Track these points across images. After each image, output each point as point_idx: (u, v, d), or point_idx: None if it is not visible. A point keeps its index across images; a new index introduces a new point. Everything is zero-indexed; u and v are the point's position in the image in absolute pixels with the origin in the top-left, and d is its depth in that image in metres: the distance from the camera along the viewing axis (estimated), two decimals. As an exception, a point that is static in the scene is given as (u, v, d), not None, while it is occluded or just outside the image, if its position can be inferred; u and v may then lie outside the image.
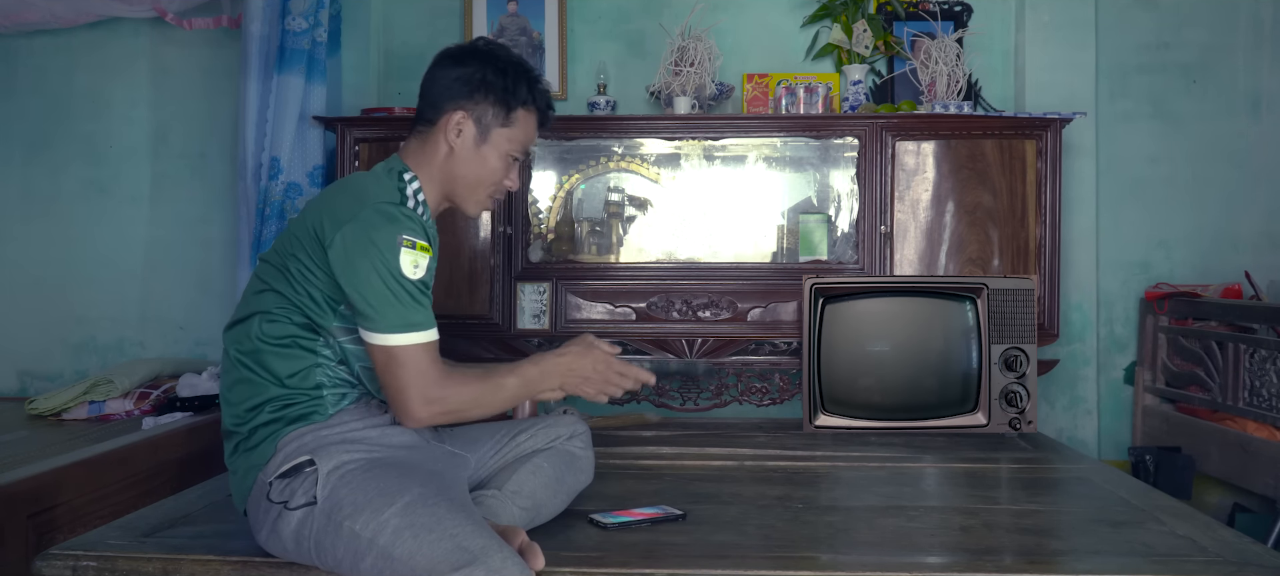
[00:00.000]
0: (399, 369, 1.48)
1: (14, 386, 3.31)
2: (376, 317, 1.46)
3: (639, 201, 2.98)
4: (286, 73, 2.78)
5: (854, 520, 1.81)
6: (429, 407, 1.49)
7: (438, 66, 1.66)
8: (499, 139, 1.66)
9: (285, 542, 1.47)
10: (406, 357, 1.47)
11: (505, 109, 1.65)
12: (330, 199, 1.56)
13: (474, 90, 1.63)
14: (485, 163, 1.66)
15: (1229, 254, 3.14)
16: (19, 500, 1.96)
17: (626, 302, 2.82)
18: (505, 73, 1.65)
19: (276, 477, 1.48)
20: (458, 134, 1.63)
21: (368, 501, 1.41)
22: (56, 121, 3.30)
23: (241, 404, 1.53)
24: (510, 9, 3.15)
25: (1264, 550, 1.60)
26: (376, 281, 1.46)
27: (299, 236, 1.54)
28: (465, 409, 1.54)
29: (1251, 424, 2.59)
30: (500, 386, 1.58)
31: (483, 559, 1.34)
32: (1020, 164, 2.76)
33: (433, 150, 1.64)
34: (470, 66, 1.64)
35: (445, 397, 1.51)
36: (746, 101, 3.05)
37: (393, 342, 1.47)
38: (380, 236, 1.47)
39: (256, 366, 1.52)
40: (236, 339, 1.56)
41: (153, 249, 3.28)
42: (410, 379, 1.48)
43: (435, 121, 1.64)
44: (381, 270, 1.46)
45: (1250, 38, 3.16)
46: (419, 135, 1.66)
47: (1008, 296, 2.59)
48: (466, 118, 1.63)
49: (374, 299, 1.46)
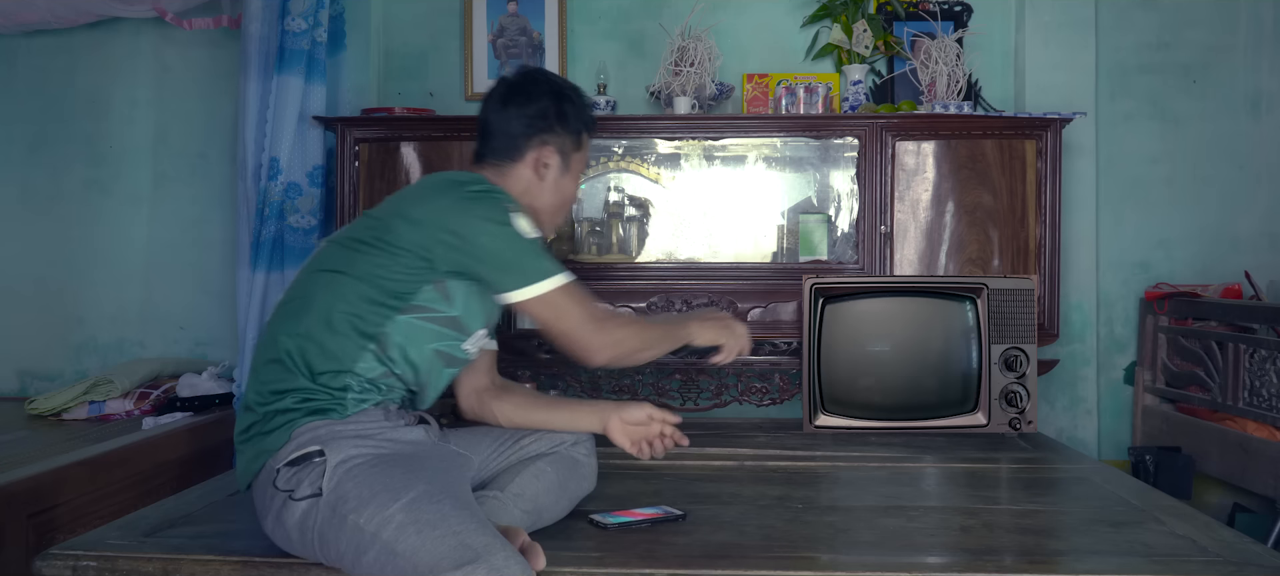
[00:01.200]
0: (560, 314, 1.59)
1: (14, 386, 3.31)
2: (515, 276, 1.56)
3: (639, 202, 2.98)
4: (286, 73, 2.78)
5: (854, 520, 1.81)
6: (606, 339, 1.62)
7: (509, 104, 1.73)
8: (576, 164, 1.80)
9: (289, 532, 1.48)
10: (561, 300, 1.59)
11: (577, 136, 1.78)
12: (421, 189, 1.65)
13: (553, 124, 1.74)
14: (567, 189, 1.80)
15: (1229, 254, 3.14)
16: (19, 500, 1.96)
17: (626, 303, 2.82)
18: (572, 101, 1.77)
19: (284, 465, 1.49)
20: (545, 167, 1.74)
21: (373, 496, 1.42)
22: (56, 121, 3.30)
23: (268, 385, 1.55)
24: (510, 9, 3.15)
25: (1264, 550, 1.60)
26: (501, 245, 1.55)
27: (389, 222, 1.59)
28: (636, 343, 1.69)
29: (1251, 424, 2.59)
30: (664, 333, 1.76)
31: (486, 557, 1.34)
32: (1020, 164, 2.76)
33: (515, 182, 1.73)
34: (543, 101, 1.74)
35: (616, 329, 1.65)
36: (746, 101, 3.05)
37: (541, 290, 1.57)
38: (487, 206, 1.57)
39: (295, 354, 1.53)
40: (286, 319, 1.58)
41: (153, 249, 3.28)
42: (576, 318, 1.60)
43: (518, 157, 1.74)
44: (501, 232, 1.56)
45: (1250, 38, 3.16)
46: (497, 169, 1.74)
47: (1008, 296, 2.59)
48: (553, 152, 1.74)
49: (506, 258, 1.56)
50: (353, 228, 1.65)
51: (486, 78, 3.17)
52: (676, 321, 1.80)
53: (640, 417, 1.76)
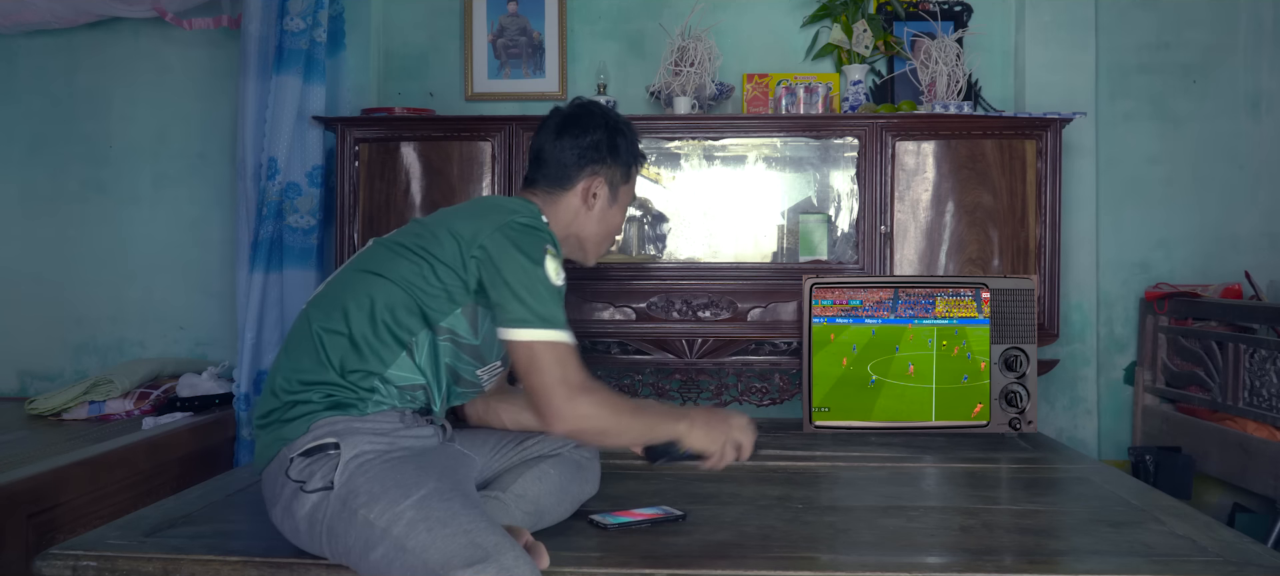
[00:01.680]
0: (545, 368, 1.51)
1: (14, 386, 3.31)
2: (519, 311, 1.52)
3: (639, 202, 2.98)
4: (284, 73, 2.78)
5: (854, 520, 1.81)
6: (575, 410, 1.51)
7: (564, 134, 1.76)
8: (623, 196, 1.83)
9: (298, 524, 1.48)
10: (552, 356, 1.51)
11: (627, 169, 1.82)
12: (473, 207, 1.67)
13: (605, 156, 1.77)
14: (614, 220, 1.83)
15: (1229, 254, 3.14)
16: (19, 500, 1.96)
17: (627, 302, 2.82)
18: (624, 135, 1.80)
19: (299, 455, 1.49)
20: (594, 198, 1.77)
21: (384, 491, 1.42)
22: (56, 121, 3.30)
23: (298, 374, 1.55)
24: (510, 9, 3.15)
25: (1264, 550, 1.60)
26: (522, 278, 1.53)
27: (436, 232, 1.60)
28: (609, 423, 1.55)
29: (1251, 424, 2.59)
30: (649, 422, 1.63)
31: (496, 556, 1.34)
32: (1020, 164, 2.76)
33: (564, 210, 1.77)
34: (597, 133, 1.77)
35: (592, 405, 1.53)
36: (746, 101, 3.05)
37: (537, 337, 1.51)
38: (527, 241, 1.56)
39: (330, 349, 1.54)
40: (324, 313, 1.58)
41: (153, 249, 3.28)
42: (558, 378, 1.51)
43: (569, 186, 1.76)
44: (528, 268, 1.54)
45: (1250, 38, 3.16)
46: (548, 195, 1.76)
47: (1008, 296, 2.59)
48: (603, 183, 1.78)
49: (520, 292, 1.52)
50: (401, 232, 1.67)
51: (486, 78, 3.18)
52: (669, 415, 1.66)
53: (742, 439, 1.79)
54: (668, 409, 1.69)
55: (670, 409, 1.69)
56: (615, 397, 1.56)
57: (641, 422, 1.61)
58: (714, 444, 1.67)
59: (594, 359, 2.86)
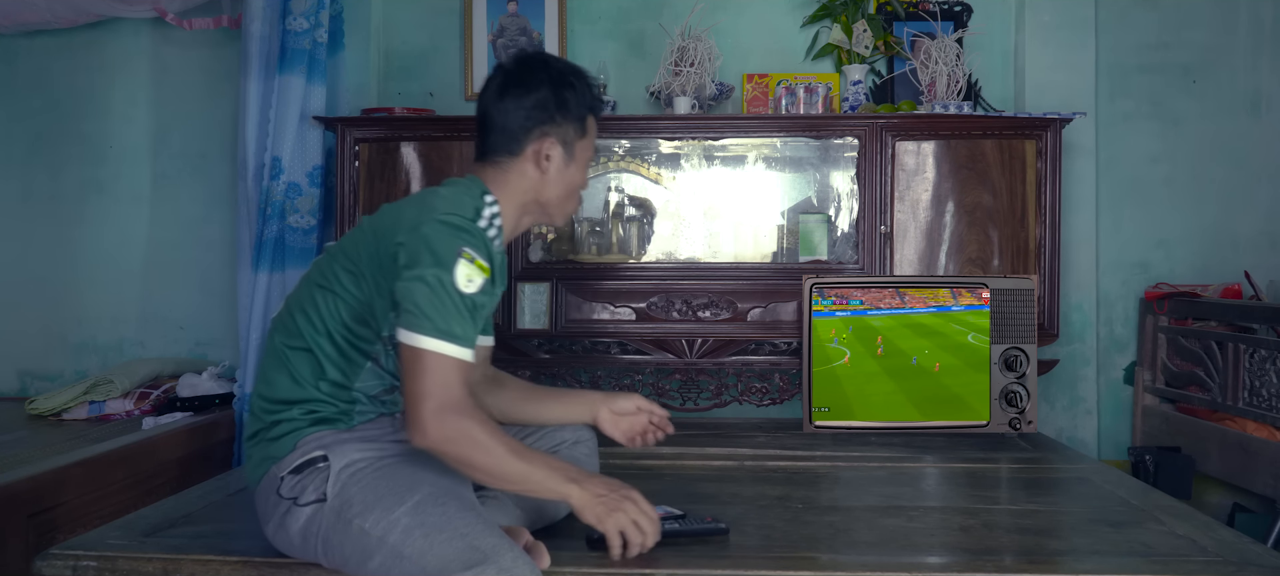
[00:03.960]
0: (423, 375, 1.40)
1: (14, 386, 3.31)
2: (414, 315, 1.41)
3: (639, 201, 2.98)
4: (287, 73, 2.78)
5: (854, 520, 1.81)
6: (442, 427, 1.39)
7: (506, 96, 1.63)
8: (581, 151, 1.69)
9: (292, 538, 1.47)
10: (433, 365, 1.40)
11: (581, 122, 1.67)
12: (404, 205, 1.56)
13: (554, 113, 1.63)
14: (574, 178, 1.69)
15: (1229, 254, 3.14)
16: (19, 500, 1.96)
17: (626, 302, 2.82)
18: (573, 87, 1.65)
19: (289, 473, 1.48)
20: (547, 160, 1.64)
21: (378, 499, 1.41)
22: (56, 121, 3.30)
23: (275, 393, 1.54)
24: (510, 9, 3.15)
25: (1264, 550, 1.60)
26: (425, 282, 1.42)
27: (369, 235, 1.54)
28: (478, 449, 1.41)
29: (1251, 424, 2.59)
30: (529, 468, 1.45)
31: (494, 558, 1.34)
32: (1020, 164, 2.76)
33: (517, 177, 1.64)
34: (542, 90, 1.63)
35: (461, 424, 1.40)
36: (746, 101, 3.05)
37: (423, 344, 1.40)
38: (442, 242, 1.44)
39: (301, 366, 1.52)
40: (289, 332, 1.55)
41: (153, 249, 3.28)
42: (431, 389, 1.40)
43: (519, 152, 1.63)
44: (434, 271, 1.42)
45: (1250, 38, 3.16)
46: (498, 166, 1.64)
47: (1008, 296, 2.59)
48: (554, 143, 1.64)
49: (418, 297, 1.42)
50: (347, 237, 1.61)
51: (486, 78, 3.18)
52: (560, 472, 1.48)
53: (629, 408, 1.78)
54: (561, 467, 1.49)
55: (559, 469, 1.48)
56: (493, 431, 1.42)
57: (517, 467, 1.43)
58: (606, 519, 1.47)
59: (594, 359, 2.86)
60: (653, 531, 1.49)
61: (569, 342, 2.84)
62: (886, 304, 2.63)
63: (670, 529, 1.63)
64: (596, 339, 2.82)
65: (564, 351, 2.86)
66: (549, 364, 2.84)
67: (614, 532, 1.47)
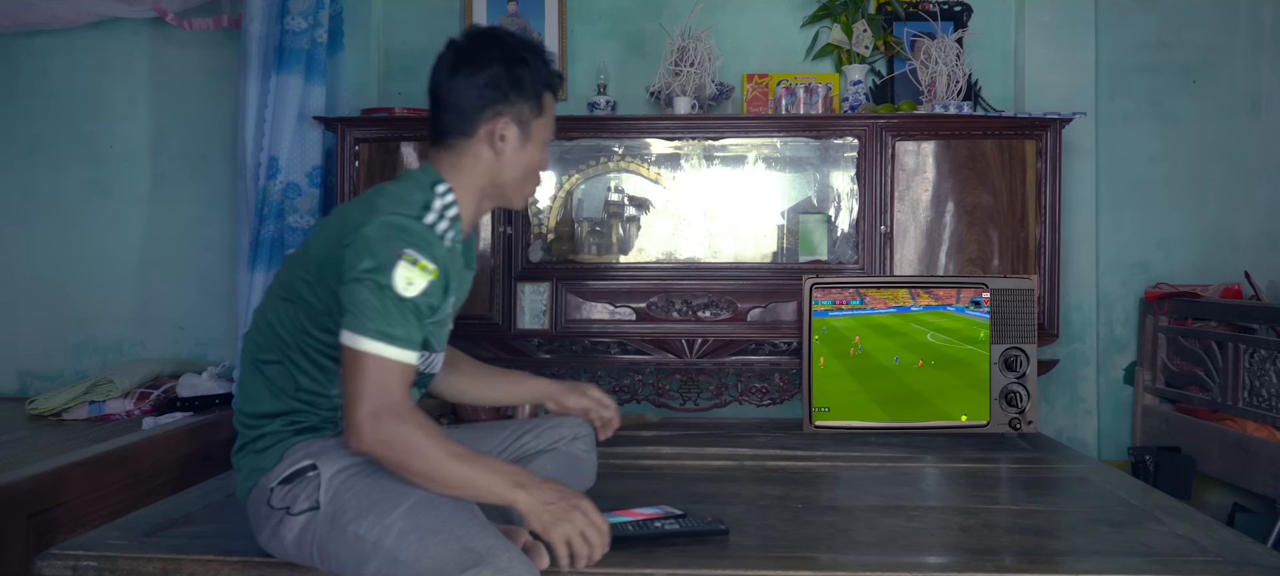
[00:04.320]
0: (360, 376, 1.36)
1: (14, 386, 3.31)
2: (354, 316, 1.38)
3: (639, 201, 2.98)
4: (286, 73, 2.78)
5: (854, 520, 1.81)
6: (376, 431, 1.36)
7: (458, 75, 1.56)
8: (537, 130, 1.62)
9: (287, 547, 1.47)
10: (371, 367, 1.37)
11: (537, 100, 1.60)
12: (351, 207, 1.52)
13: (507, 92, 1.56)
14: (531, 158, 1.62)
15: (1229, 254, 3.14)
16: (19, 500, 1.95)
17: (626, 303, 2.82)
18: (528, 63, 1.58)
19: (278, 484, 1.47)
20: (501, 141, 1.57)
21: (371, 504, 1.41)
22: (56, 121, 3.30)
23: (256, 405, 1.53)
24: (510, 9, 3.15)
25: (1264, 550, 1.60)
26: (364, 284, 1.39)
27: (320, 242, 1.52)
28: (413, 454, 1.37)
29: (1251, 424, 2.59)
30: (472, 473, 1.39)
31: (490, 559, 1.33)
32: (1020, 164, 2.76)
33: (472, 161, 1.58)
34: (494, 67, 1.56)
35: (398, 427, 1.37)
36: (746, 101, 3.05)
37: (361, 346, 1.37)
38: (383, 244, 1.41)
39: (278, 378, 1.52)
40: (257, 344, 1.55)
41: (153, 249, 3.28)
42: (367, 391, 1.36)
43: (472, 133, 1.57)
44: (373, 275, 1.39)
45: (1250, 38, 3.16)
46: (452, 149, 1.58)
47: (1008, 296, 2.59)
48: (508, 123, 1.57)
49: (359, 298, 1.38)
50: (301, 245, 1.57)
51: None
52: (506, 477, 1.42)
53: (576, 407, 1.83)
54: (509, 472, 1.43)
55: (513, 473, 1.43)
56: (432, 436, 1.38)
57: (459, 472, 1.38)
58: (553, 528, 1.41)
59: (594, 359, 2.86)
60: (601, 543, 1.44)
61: (569, 342, 2.84)
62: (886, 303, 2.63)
63: (670, 529, 1.63)
64: (596, 339, 2.82)
65: (564, 351, 2.86)
66: (549, 364, 2.84)
67: (561, 542, 1.41)
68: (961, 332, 2.60)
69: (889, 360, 2.61)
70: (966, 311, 2.60)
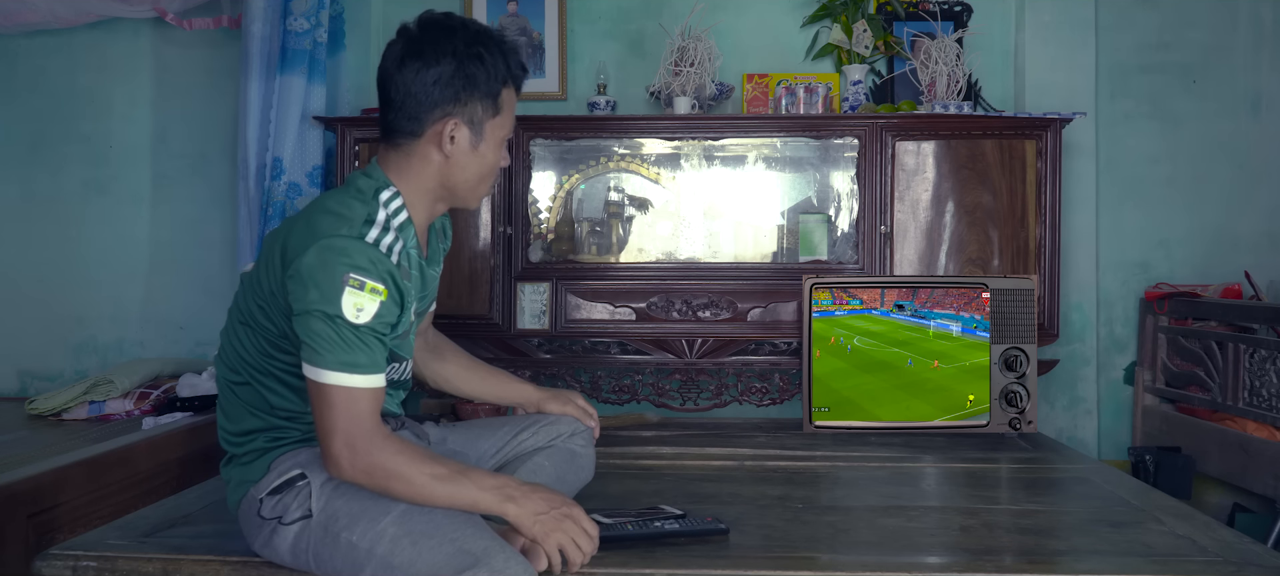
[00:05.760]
0: (329, 410, 1.35)
1: (14, 386, 3.31)
2: (312, 349, 1.35)
3: (639, 201, 2.98)
4: (288, 73, 2.79)
5: (854, 520, 1.81)
6: (354, 461, 1.35)
7: (406, 70, 1.48)
8: (492, 131, 1.53)
9: (282, 555, 1.47)
10: (338, 399, 1.35)
11: (493, 99, 1.51)
12: (293, 226, 1.45)
13: (458, 92, 1.48)
14: (484, 160, 1.54)
15: (1229, 254, 3.14)
16: (19, 500, 1.95)
17: (626, 303, 2.82)
18: (483, 60, 1.49)
19: (268, 494, 1.47)
20: (451, 142, 1.50)
21: (363, 510, 1.40)
22: (56, 121, 3.30)
23: (237, 423, 1.53)
24: (510, 9, 3.15)
25: (1264, 550, 1.60)
26: (316, 316, 1.35)
27: (265, 266, 1.48)
28: (394, 480, 1.36)
29: (1251, 424, 2.59)
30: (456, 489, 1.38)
31: (485, 560, 1.33)
32: (1020, 164, 2.76)
33: (421, 162, 1.51)
34: (444, 64, 1.47)
35: (373, 455, 1.35)
36: (746, 101, 3.05)
37: (325, 379, 1.35)
38: (325, 274, 1.35)
39: (252, 398, 1.51)
40: (227, 366, 1.54)
41: (153, 249, 3.28)
42: (339, 423, 1.34)
43: (420, 133, 1.49)
44: (320, 307, 1.35)
45: (1250, 38, 3.16)
46: (400, 149, 1.51)
47: (1008, 296, 2.59)
48: (459, 124, 1.49)
49: (313, 332, 1.35)
50: (254, 267, 1.52)
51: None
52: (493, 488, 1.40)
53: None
54: (496, 484, 1.41)
55: (501, 485, 1.42)
56: (412, 457, 1.36)
57: (442, 490, 1.37)
58: (545, 538, 1.41)
59: (594, 359, 2.86)
60: (591, 549, 1.44)
61: (569, 342, 2.84)
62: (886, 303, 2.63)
63: (670, 528, 1.63)
64: (596, 339, 2.82)
65: (564, 351, 2.86)
66: (549, 364, 2.84)
67: (553, 551, 1.41)
68: (961, 339, 2.60)
69: (888, 360, 2.62)
70: (966, 332, 2.60)
